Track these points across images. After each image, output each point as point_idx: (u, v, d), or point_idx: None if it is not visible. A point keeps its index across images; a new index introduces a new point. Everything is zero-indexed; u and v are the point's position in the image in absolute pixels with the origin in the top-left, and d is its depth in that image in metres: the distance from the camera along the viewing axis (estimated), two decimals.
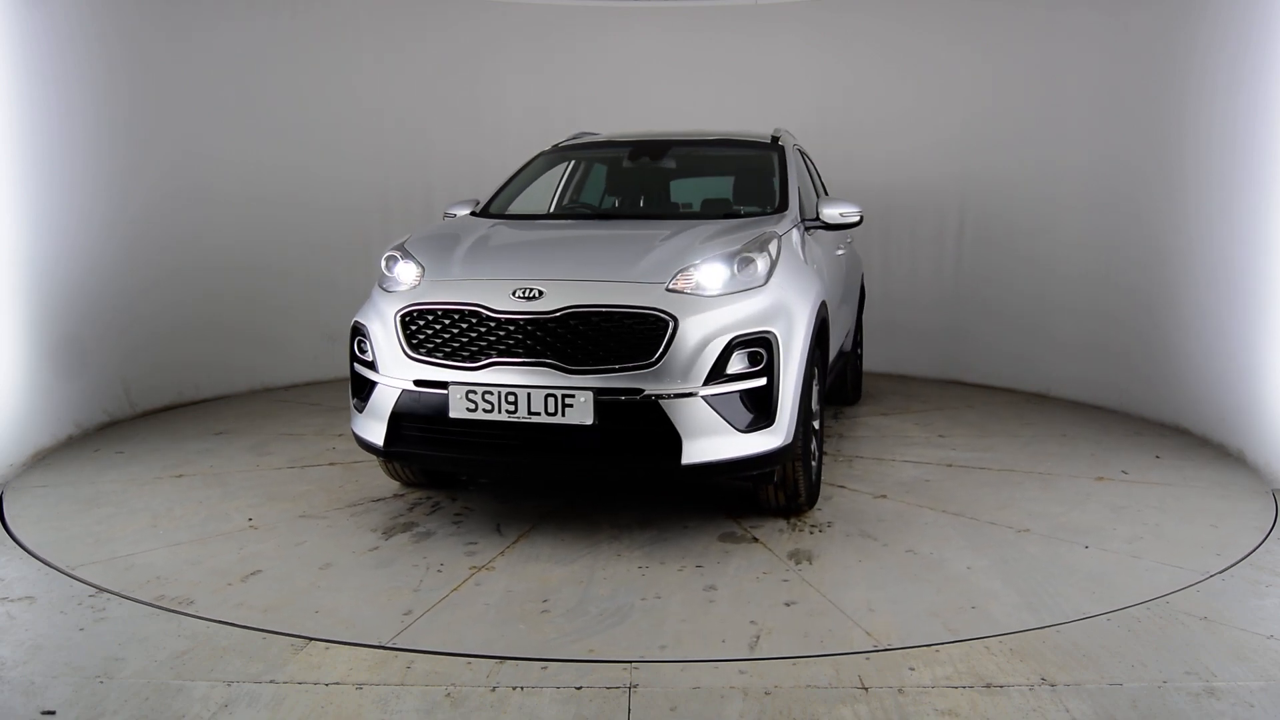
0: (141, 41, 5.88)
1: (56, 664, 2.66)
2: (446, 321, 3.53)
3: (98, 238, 5.55)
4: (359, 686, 2.54)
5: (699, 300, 3.44)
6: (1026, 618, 2.97)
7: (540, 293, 3.43)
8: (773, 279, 3.64)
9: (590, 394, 3.33)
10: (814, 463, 4.02)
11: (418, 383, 3.53)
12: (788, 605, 3.08)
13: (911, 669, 2.65)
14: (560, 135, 5.58)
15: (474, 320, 3.48)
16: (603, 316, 3.39)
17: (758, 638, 2.85)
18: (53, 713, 2.40)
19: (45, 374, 5.04)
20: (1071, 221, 6.42)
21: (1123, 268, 6.04)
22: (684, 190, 5.31)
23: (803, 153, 5.47)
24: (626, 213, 5.14)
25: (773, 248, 3.74)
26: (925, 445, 5.14)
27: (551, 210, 5.29)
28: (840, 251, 5.16)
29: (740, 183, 5.07)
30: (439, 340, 3.53)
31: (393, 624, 2.94)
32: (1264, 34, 4.77)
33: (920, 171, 7.12)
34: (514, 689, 2.53)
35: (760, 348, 3.45)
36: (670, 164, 5.20)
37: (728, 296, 3.49)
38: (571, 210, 5.21)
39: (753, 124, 5.62)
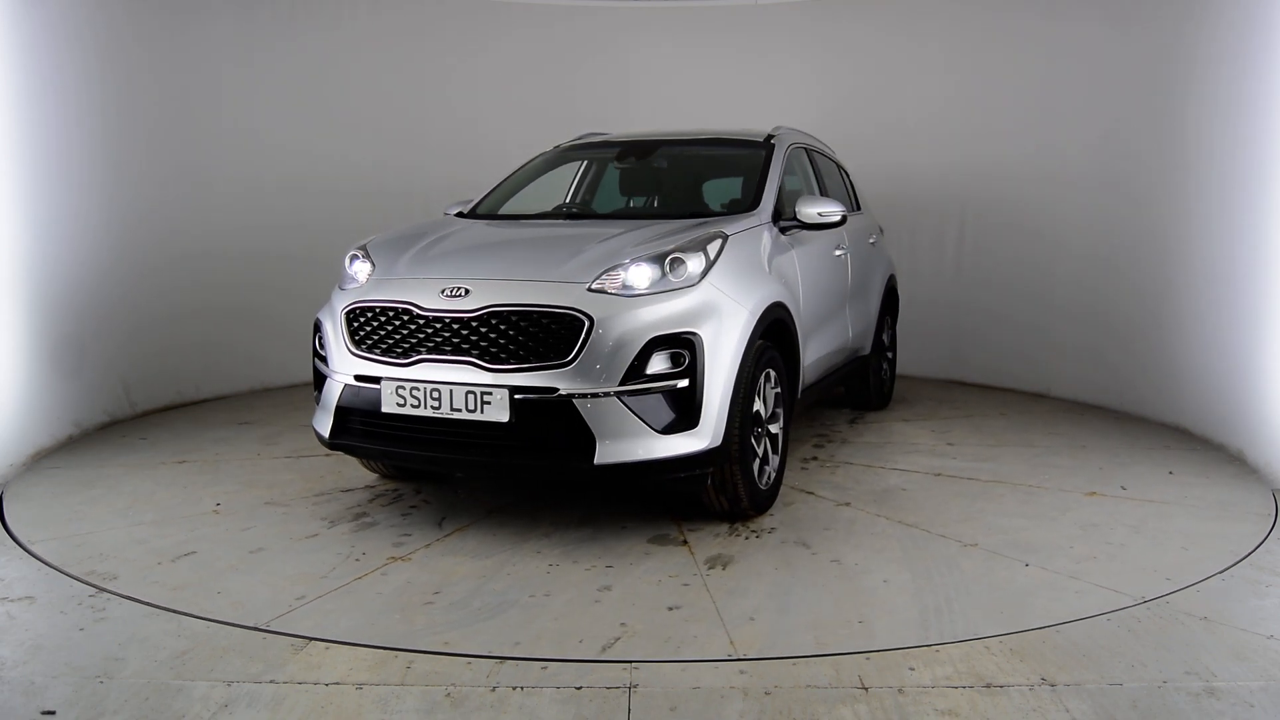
0: (141, 41, 5.88)
1: (56, 664, 2.66)
2: (383, 319, 3.64)
3: (97, 238, 5.55)
4: (359, 686, 2.54)
5: (619, 300, 3.43)
6: (906, 635, 2.84)
7: (466, 291, 3.52)
8: (707, 279, 3.60)
9: (506, 392, 3.37)
10: (768, 468, 3.94)
11: (358, 377, 3.65)
12: (670, 609, 3.05)
13: (911, 669, 2.65)
14: (560, 135, 5.58)
15: (406, 318, 3.58)
16: (521, 315, 3.43)
17: (616, 640, 2.83)
18: (53, 713, 2.40)
19: (45, 374, 5.04)
20: (1072, 222, 6.42)
21: (1123, 267, 6.04)
22: (671, 190, 5.30)
23: (816, 151, 5.40)
24: (604, 213, 5.03)
25: (712, 248, 3.70)
26: (927, 453, 5.01)
27: (538, 211, 5.19)
28: (839, 252, 5.05)
29: (724, 182, 5.01)
30: (376, 337, 3.65)
31: (279, 608, 3.05)
32: (1264, 33, 4.77)
33: (921, 171, 7.12)
34: (514, 689, 2.53)
35: (682, 348, 3.42)
36: (660, 164, 5.20)
37: (651, 296, 3.47)
38: (555, 211, 5.03)
39: (756, 124, 5.58)
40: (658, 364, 3.39)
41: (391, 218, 6.79)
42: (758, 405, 3.79)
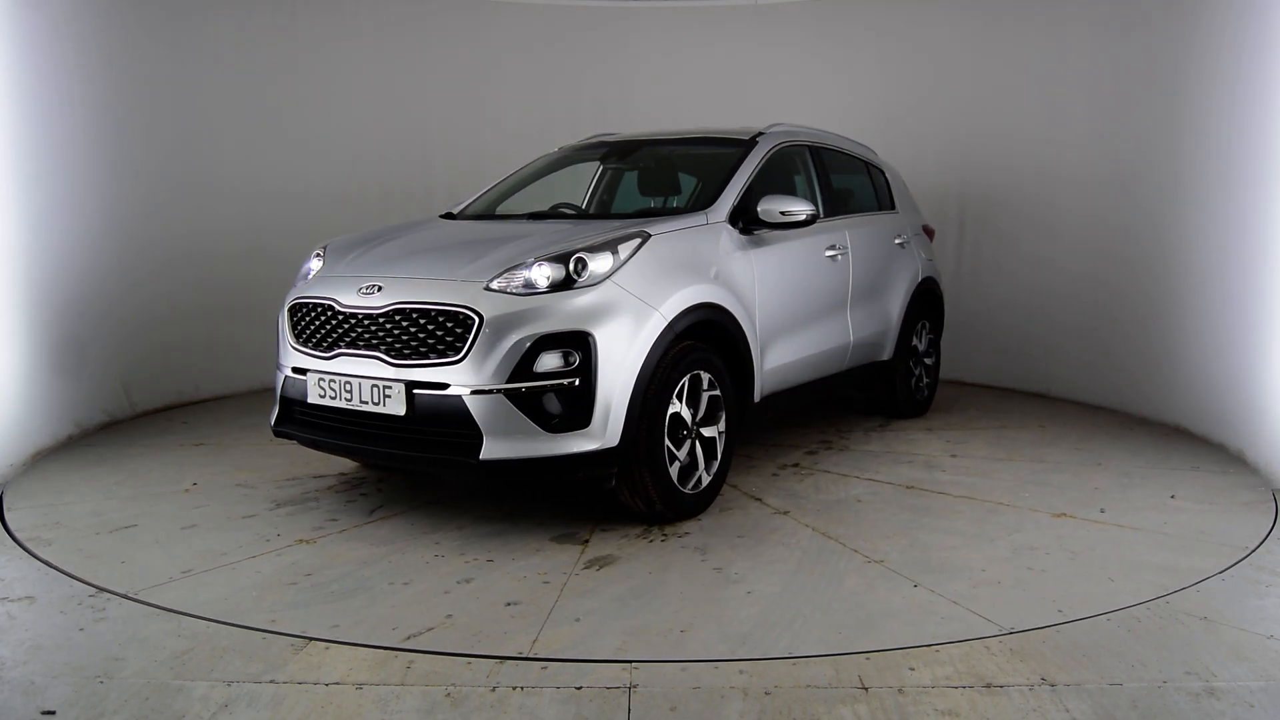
0: (140, 41, 5.88)
1: (56, 664, 2.66)
2: (313, 314, 3.83)
3: (97, 238, 5.55)
4: (359, 686, 2.54)
5: (511, 299, 3.47)
6: (717, 649, 2.76)
7: (379, 289, 3.66)
8: (611, 280, 3.59)
9: (404, 386, 3.49)
10: (698, 472, 3.91)
11: (294, 369, 3.87)
12: (507, 605, 3.08)
13: (911, 669, 2.65)
14: (560, 134, 5.58)
15: (329, 314, 3.76)
16: (420, 313, 3.53)
17: (427, 630, 2.88)
18: (53, 713, 2.40)
19: (45, 374, 5.04)
20: (1072, 221, 6.43)
21: (1123, 267, 6.04)
22: (648, 189, 5.29)
23: (829, 149, 5.31)
24: (574, 213, 4.93)
25: (625, 248, 3.69)
26: (920, 465, 4.79)
27: (531, 210, 5.11)
28: (832, 252, 4.89)
29: (700, 181, 4.91)
30: (308, 331, 3.84)
31: (159, 578, 3.29)
32: (1265, 33, 4.77)
33: (921, 171, 7.11)
34: (514, 689, 2.53)
35: (574, 348, 3.43)
36: (646, 165, 5.19)
37: (545, 296, 3.48)
38: (540, 211, 4.88)
39: (761, 122, 5.52)
40: (548, 362, 3.42)
41: (391, 218, 6.81)
42: (677, 408, 3.76)
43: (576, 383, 3.42)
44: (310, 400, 3.77)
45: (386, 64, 7.15)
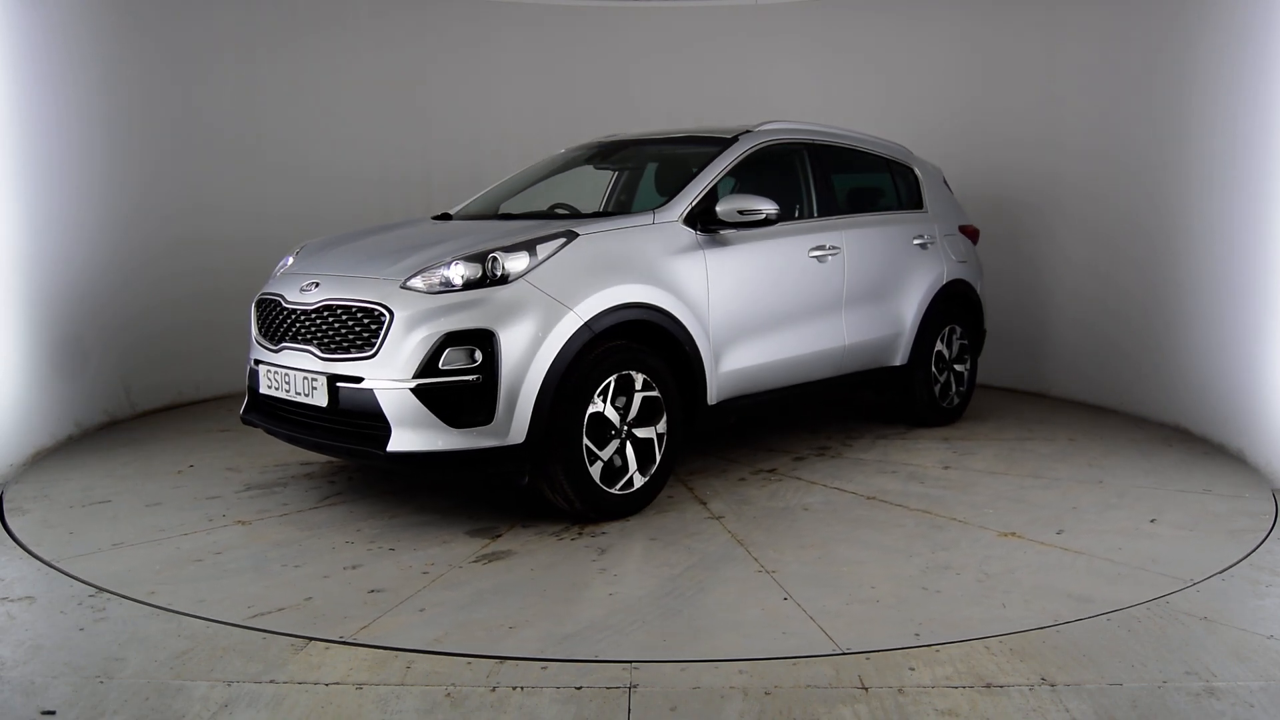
0: (141, 41, 5.88)
1: (56, 664, 2.66)
2: (267, 309, 4.05)
3: (97, 237, 5.55)
4: (359, 686, 2.54)
5: (422, 297, 3.57)
6: (534, 647, 2.76)
7: (316, 285, 3.85)
8: (525, 279, 3.62)
9: (326, 379, 3.66)
10: (631, 473, 3.89)
11: (255, 361, 4.07)
12: (371, 592, 3.18)
13: (911, 669, 2.65)
14: (560, 134, 5.58)
15: (276, 309, 3.98)
16: (343, 309, 3.70)
17: (279, 610, 3.02)
18: (53, 713, 2.40)
19: (45, 374, 5.04)
20: (1072, 221, 6.42)
21: (1123, 267, 6.04)
22: (628, 189, 5.24)
23: (835, 147, 5.20)
24: (567, 214, 4.80)
25: (545, 248, 3.72)
26: (903, 476, 4.59)
27: (527, 211, 5.04)
28: (820, 252, 4.76)
29: (677, 181, 4.75)
30: (264, 325, 4.06)
31: (87, 549, 3.56)
32: (1265, 32, 4.77)
33: None
34: (514, 689, 2.53)
35: (479, 345, 3.49)
36: (633, 165, 5.16)
37: (456, 294, 3.56)
38: (526, 213, 4.86)
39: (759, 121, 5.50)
40: (454, 359, 3.49)
41: (390, 218, 6.81)
42: (599, 407, 3.77)
43: (479, 380, 3.48)
44: (261, 390, 4.01)
45: (388, 66, 7.14)
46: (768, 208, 4.24)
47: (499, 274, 3.61)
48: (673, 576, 3.35)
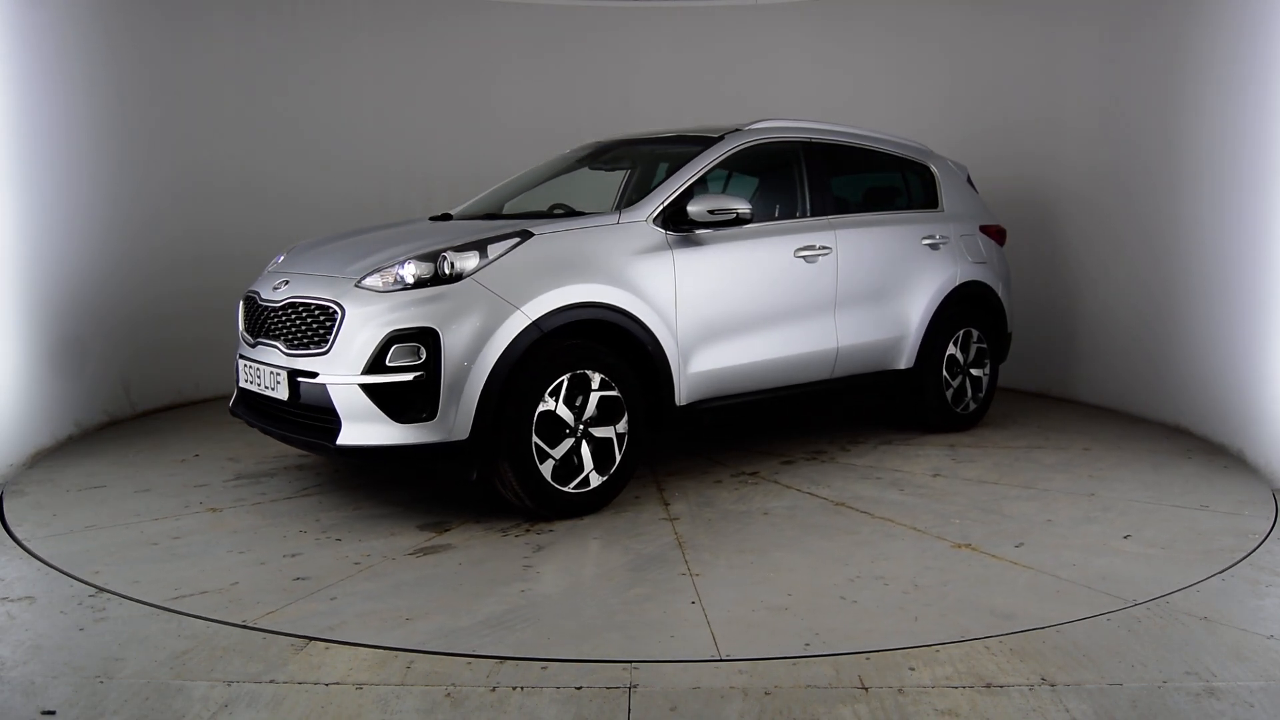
0: (141, 41, 5.88)
1: (56, 664, 2.66)
2: (249, 306, 4.21)
3: (98, 237, 5.56)
4: (359, 686, 2.54)
5: (372, 295, 3.67)
6: (440, 642, 2.79)
7: (286, 283, 4.00)
8: (473, 278, 3.68)
9: (286, 373, 3.80)
10: (587, 472, 3.90)
11: (239, 356, 4.20)
12: (295, 580, 3.28)
13: (911, 669, 2.65)
14: (559, 135, 5.59)
15: (254, 306, 4.14)
16: (304, 306, 3.84)
17: (201, 592, 3.15)
18: (53, 713, 2.40)
19: (45, 374, 5.04)
20: (1071, 221, 6.43)
21: (1123, 267, 6.04)
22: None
23: (836, 146, 5.10)
24: (563, 213, 4.77)
25: (495, 248, 3.77)
26: (880, 483, 4.48)
27: (500, 212, 5.06)
28: (808, 252, 4.67)
29: (656, 181, 4.79)
30: (246, 321, 4.22)
31: (57, 530, 3.77)
32: (1266, 31, 4.77)
33: None
34: (514, 689, 2.53)
35: (422, 343, 3.56)
36: (623, 165, 5.15)
37: (405, 292, 3.64)
38: (523, 213, 4.87)
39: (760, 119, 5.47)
40: (400, 356, 3.58)
41: (392, 218, 6.81)
42: (553, 406, 3.79)
43: (423, 377, 3.56)
44: (241, 385, 4.18)
45: (389, 66, 7.15)
46: (739, 207, 4.22)
47: (449, 273, 3.68)
48: (594, 576, 3.38)
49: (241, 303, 4.30)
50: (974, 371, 5.61)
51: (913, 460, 4.94)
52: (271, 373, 3.89)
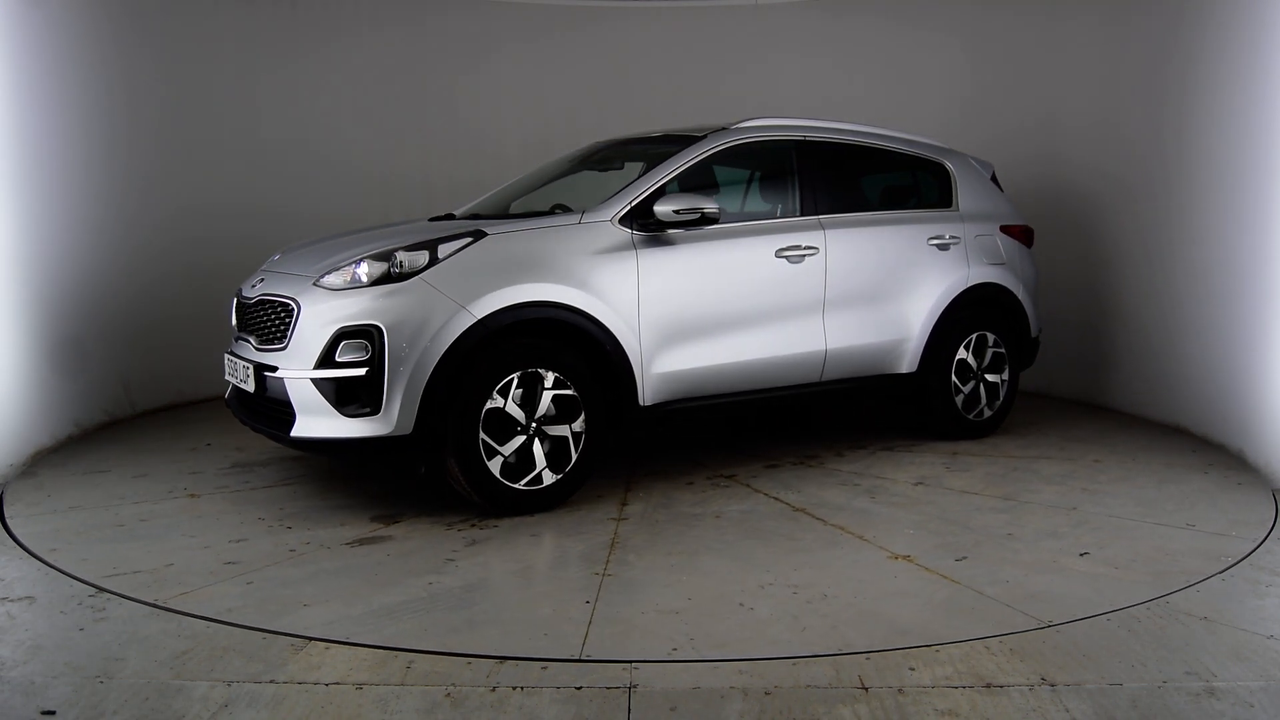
0: (142, 41, 5.88)
1: (56, 664, 2.66)
2: (236, 305, 4.37)
3: (97, 238, 5.56)
4: (359, 686, 2.54)
5: (324, 293, 3.81)
6: (344, 631, 2.84)
7: (262, 281, 4.17)
8: (422, 277, 3.77)
9: (252, 367, 3.96)
10: (540, 468, 3.91)
11: (228, 353, 4.32)
12: (226, 564, 3.41)
13: (911, 669, 2.65)
14: (561, 134, 5.59)
15: (238, 304, 4.33)
16: (269, 304, 4.00)
17: (135, 572, 3.29)
18: (53, 713, 2.40)
19: (45, 374, 5.04)
20: (1071, 221, 6.42)
21: (1123, 267, 6.03)
22: (600, 190, 5.26)
23: (835, 144, 5.00)
24: (546, 213, 4.69)
25: (445, 248, 3.85)
26: (856, 490, 4.36)
27: (506, 212, 5.06)
28: (792, 253, 4.57)
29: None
30: (234, 318, 4.40)
31: (43, 510, 3.98)
32: (1266, 31, 4.77)
33: None
34: (514, 689, 2.53)
35: (368, 339, 3.68)
36: (615, 166, 5.13)
37: (358, 290, 3.76)
38: (521, 213, 4.88)
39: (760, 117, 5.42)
40: (348, 352, 3.70)
41: (392, 219, 6.80)
42: (501, 403, 3.83)
43: (368, 373, 3.67)
44: (227, 379, 4.33)
45: (389, 67, 7.14)
46: (706, 206, 4.20)
47: (400, 272, 3.78)
48: (508, 572, 3.40)
49: (233, 301, 4.45)
50: (989, 377, 5.36)
51: (903, 468, 4.78)
52: (244, 366, 4.04)
